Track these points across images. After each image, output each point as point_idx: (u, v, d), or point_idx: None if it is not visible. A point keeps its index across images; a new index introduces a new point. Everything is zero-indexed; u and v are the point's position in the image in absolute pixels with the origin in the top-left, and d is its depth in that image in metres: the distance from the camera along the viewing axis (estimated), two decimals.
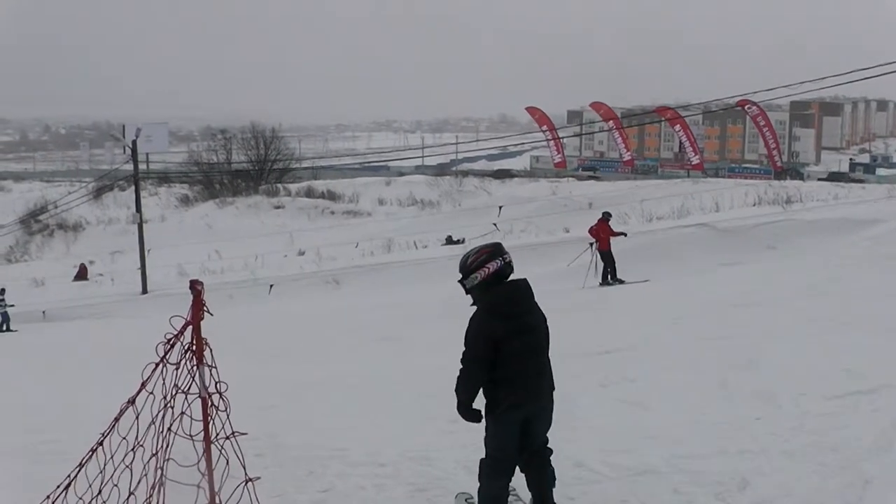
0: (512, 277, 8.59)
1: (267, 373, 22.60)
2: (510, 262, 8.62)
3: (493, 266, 8.49)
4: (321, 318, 33.91)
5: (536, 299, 8.81)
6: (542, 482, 8.92)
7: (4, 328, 43.49)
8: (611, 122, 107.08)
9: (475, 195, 73.04)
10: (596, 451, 10.92)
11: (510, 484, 9.06)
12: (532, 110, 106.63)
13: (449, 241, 53.16)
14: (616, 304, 27.72)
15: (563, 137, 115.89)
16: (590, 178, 50.85)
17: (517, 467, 8.96)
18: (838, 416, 10.94)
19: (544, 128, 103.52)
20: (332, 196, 77.04)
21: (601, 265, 34.18)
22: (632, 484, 9.68)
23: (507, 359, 8.38)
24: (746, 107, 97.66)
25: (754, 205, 48.35)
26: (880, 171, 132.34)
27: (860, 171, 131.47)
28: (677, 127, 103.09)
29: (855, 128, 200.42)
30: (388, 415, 14.79)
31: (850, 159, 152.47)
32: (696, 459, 10.03)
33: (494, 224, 53.30)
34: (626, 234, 35.67)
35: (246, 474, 8.54)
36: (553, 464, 9.10)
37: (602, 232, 34.21)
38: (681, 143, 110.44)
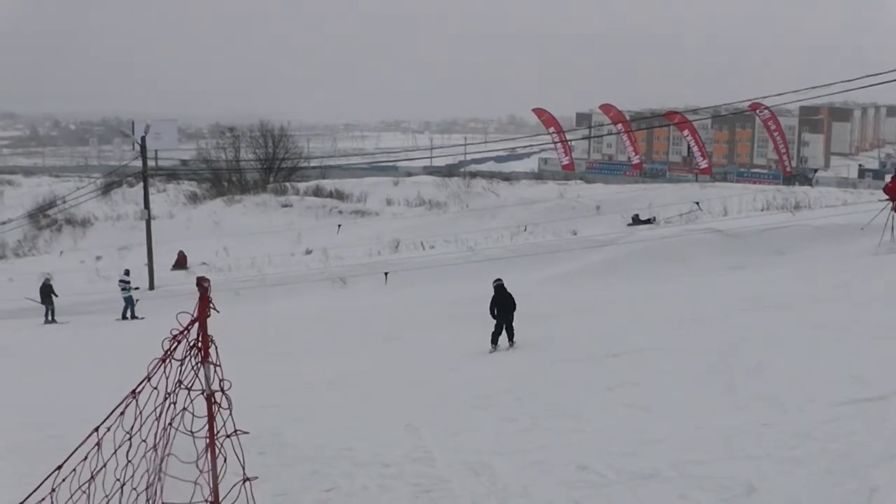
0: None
1: (273, 370, 22.67)
2: (499, 281, 24.81)
3: (495, 283, 24.69)
4: (327, 317, 33.92)
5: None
6: (510, 335, 23.62)
7: (129, 315, 41.20)
8: (619, 125, 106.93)
9: (483, 196, 72.94)
10: (601, 454, 10.89)
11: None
12: (539, 112, 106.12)
13: (636, 220, 52.60)
14: (622, 308, 27.68)
15: (571, 140, 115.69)
16: None
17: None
18: (845, 422, 10.89)
19: (552, 130, 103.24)
20: (339, 195, 76.83)
21: None
22: (637, 488, 9.64)
23: (496, 306, 23.96)
24: (758, 110, 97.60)
25: (762, 210, 48.25)
26: (889, 178, 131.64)
27: (869, 176, 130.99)
28: (685, 132, 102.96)
29: (864, 133, 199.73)
30: (392, 415, 14.78)
31: (860, 165, 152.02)
32: (702, 464, 10.00)
33: (697, 203, 53.27)
34: None
35: (244, 473, 8.50)
36: (557, 465, 10.77)
37: None
38: (689, 147, 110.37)
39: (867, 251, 31.31)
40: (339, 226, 62.92)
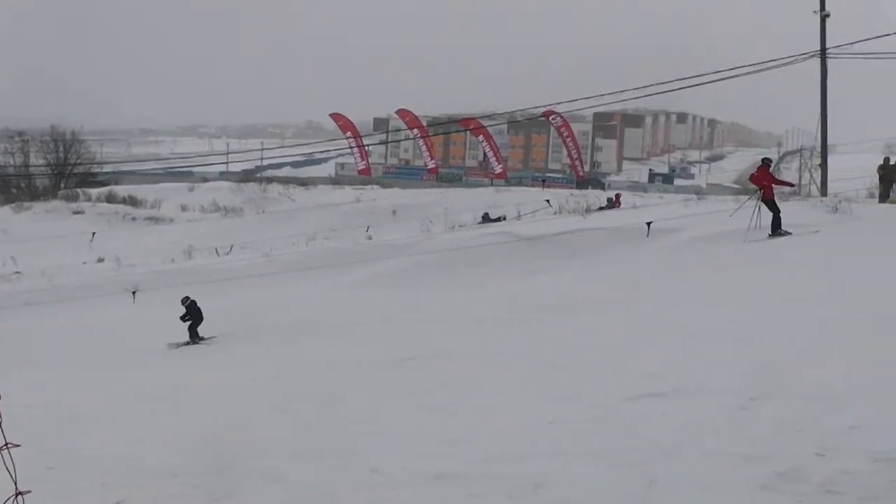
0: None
1: (71, 381, 22.16)
2: (188, 299, 29.96)
3: (185, 301, 29.72)
4: (126, 326, 33.37)
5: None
6: (197, 337, 28.73)
7: None
8: (415, 129, 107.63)
9: (279, 202, 72.77)
10: (396, 456, 10.89)
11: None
12: (336, 117, 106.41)
13: (486, 218, 52.68)
14: (419, 312, 27.78)
15: (368, 145, 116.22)
16: None
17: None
18: (635, 418, 11.17)
19: (348, 134, 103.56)
20: (133, 202, 75.83)
21: (768, 216, 30.80)
22: (427, 489, 9.65)
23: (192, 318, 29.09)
24: (551, 117, 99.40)
25: (555, 214, 49.07)
26: (678, 182, 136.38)
27: (659, 180, 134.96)
28: (481, 137, 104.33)
29: (655, 139, 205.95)
30: (190, 423, 14.62)
31: (650, 170, 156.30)
32: (496, 463, 10.08)
33: (547, 200, 54.08)
34: (792, 185, 33.71)
35: (16, 488, 8.25)
36: (351, 469, 10.69)
37: (765, 179, 31.44)
38: (485, 152, 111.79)
39: (656, 252, 32.05)
40: (94, 233, 61.71)
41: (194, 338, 29.42)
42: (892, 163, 39.65)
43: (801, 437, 9.67)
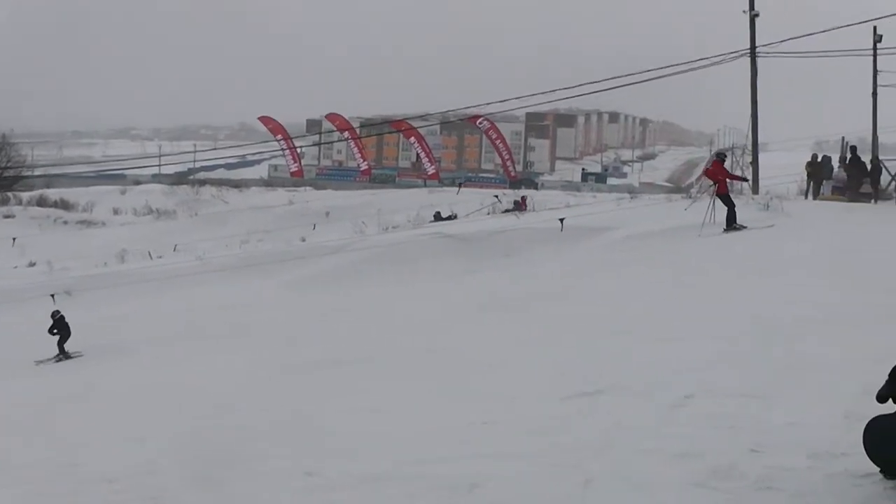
0: None
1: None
2: (58, 312, 28.62)
3: (55, 315, 28.04)
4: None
5: None
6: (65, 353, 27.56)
7: None
8: (346, 132, 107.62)
9: (212, 204, 72.51)
10: (331, 459, 10.83)
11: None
12: (265, 120, 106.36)
13: (438, 217, 52.40)
14: (351, 314, 27.66)
15: (300, 147, 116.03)
16: None
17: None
18: (567, 417, 11.16)
19: (279, 137, 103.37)
20: (65, 205, 75.28)
21: (723, 210, 30.53)
22: (363, 490, 9.59)
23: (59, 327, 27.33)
24: (478, 122, 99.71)
25: (488, 214, 49.20)
26: (611, 181, 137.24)
27: (592, 179, 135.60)
28: (412, 138, 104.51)
29: (588, 138, 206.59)
30: (120, 428, 14.49)
31: (583, 169, 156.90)
32: (431, 464, 10.04)
33: (496, 196, 54.35)
34: (747, 180, 34.39)
35: None
36: (284, 473, 10.60)
37: (719, 174, 31.42)
38: (417, 154, 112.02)
39: (590, 251, 32.13)
40: (14, 239, 61.02)
41: (61, 353, 28.61)
42: (819, 160, 40.24)
43: (736, 434, 9.71)
